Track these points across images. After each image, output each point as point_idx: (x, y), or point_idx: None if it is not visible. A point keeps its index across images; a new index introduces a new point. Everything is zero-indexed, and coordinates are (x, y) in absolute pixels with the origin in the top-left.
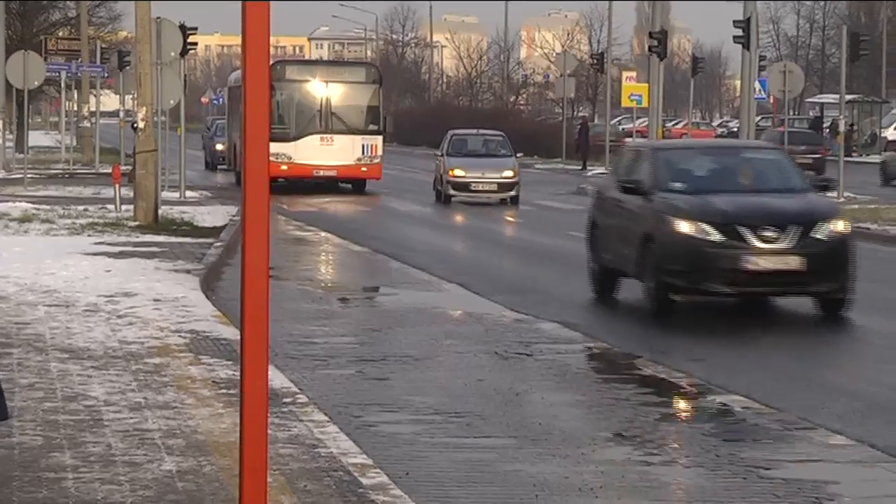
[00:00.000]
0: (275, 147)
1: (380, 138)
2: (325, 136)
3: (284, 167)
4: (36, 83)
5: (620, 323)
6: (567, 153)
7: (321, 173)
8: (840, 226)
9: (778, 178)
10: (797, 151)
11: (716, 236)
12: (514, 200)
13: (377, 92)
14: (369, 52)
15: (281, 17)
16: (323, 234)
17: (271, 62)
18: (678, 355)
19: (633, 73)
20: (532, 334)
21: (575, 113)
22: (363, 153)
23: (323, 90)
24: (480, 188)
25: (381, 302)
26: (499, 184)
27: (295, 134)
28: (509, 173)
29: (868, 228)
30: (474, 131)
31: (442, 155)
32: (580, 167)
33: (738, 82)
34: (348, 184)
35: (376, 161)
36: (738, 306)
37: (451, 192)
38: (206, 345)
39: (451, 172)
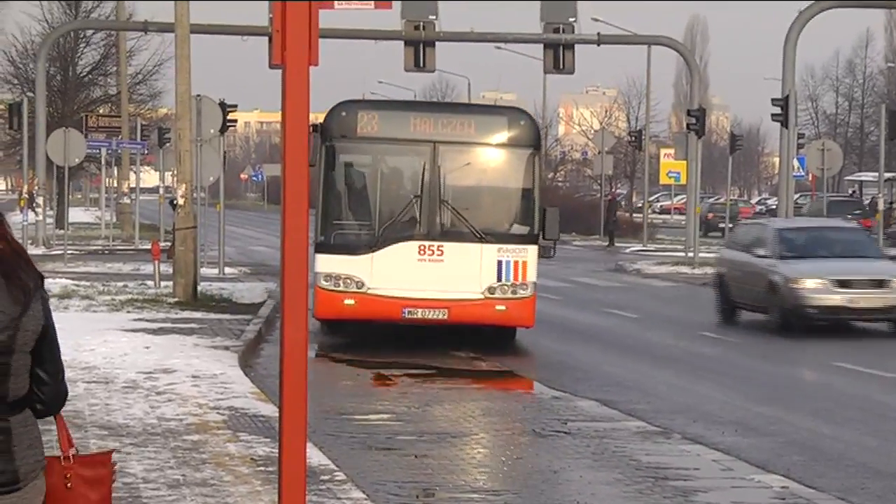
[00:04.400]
0: (335, 264)
1: (533, 250)
2: (426, 244)
3: (350, 301)
4: (76, 160)
5: (659, 401)
6: (604, 230)
7: (418, 314)
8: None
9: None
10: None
11: None
12: None
13: (531, 162)
14: None
15: (318, 95)
16: None
17: (335, 105)
18: (713, 431)
19: (672, 150)
20: (570, 412)
21: (613, 189)
22: (500, 277)
23: (427, 157)
24: None
25: (417, 379)
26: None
27: (373, 239)
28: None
29: None
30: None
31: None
32: (607, 243)
33: (776, 160)
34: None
35: (524, 293)
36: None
37: None
38: (245, 422)
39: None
